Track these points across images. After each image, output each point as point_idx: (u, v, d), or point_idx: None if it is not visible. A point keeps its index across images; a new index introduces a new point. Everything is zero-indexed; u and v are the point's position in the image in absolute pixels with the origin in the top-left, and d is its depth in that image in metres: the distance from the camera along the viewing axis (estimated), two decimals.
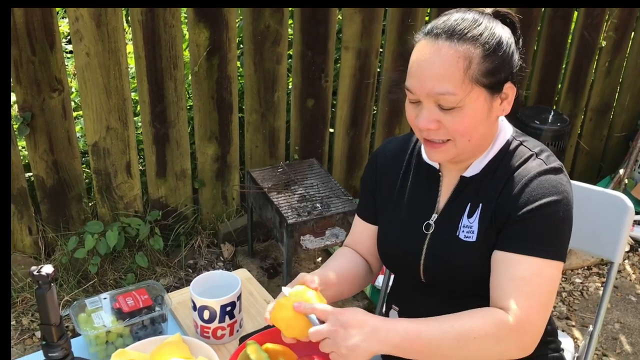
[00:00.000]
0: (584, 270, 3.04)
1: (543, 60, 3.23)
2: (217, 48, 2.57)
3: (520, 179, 1.19)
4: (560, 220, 1.18)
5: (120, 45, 2.40)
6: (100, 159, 2.58)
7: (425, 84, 1.15)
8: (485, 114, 1.18)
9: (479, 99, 1.15)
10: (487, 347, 1.12)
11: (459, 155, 1.22)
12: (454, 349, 1.12)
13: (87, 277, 2.66)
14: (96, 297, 1.44)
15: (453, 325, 1.12)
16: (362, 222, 1.43)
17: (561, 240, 1.19)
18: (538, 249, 1.15)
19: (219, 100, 2.68)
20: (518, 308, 1.13)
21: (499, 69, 1.16)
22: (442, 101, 1.14)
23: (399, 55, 2.86)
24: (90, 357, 1.36)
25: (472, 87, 1.14)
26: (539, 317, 1.15)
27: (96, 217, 2.70)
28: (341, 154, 3.04)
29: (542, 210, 1.16)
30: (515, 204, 1.18)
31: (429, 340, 1.11)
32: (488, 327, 1.12)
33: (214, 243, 2.94)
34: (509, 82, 1.19)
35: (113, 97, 2.48)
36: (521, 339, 1.14)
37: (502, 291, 1.16)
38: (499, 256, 1.18)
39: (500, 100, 1.19)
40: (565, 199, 1.18)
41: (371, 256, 1.44)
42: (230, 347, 1.40)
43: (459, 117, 1.15)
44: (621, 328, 2.67)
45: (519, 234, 1.17)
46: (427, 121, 1.17)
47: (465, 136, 1.18)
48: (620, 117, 3.59)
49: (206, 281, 1.45)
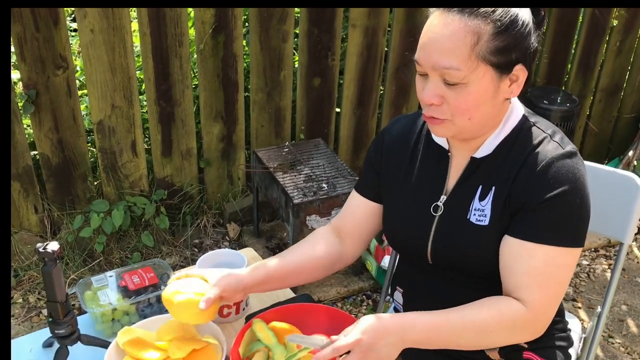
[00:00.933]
0: (591, 252, 3.02)
1: (552, 40, 3.18)
2: (223, 26, 2.54)
3: (536, 165, 1.16)
4: (577, 207, 1.16)
5: (125, 22, 2.38)
6: (106, 137, 2.57)
7: (431, 57, 1.12)
8: (490, 93, 1.14)
9: (484, 77, 1.12)
10: (503, 337, 1.16)
11: (461, 134, 1.20)
12: (472, 341, 1.15)
13: (93, 255, 2.66)
14: (102, 275, 1.44)
15: (472, 319, 1.14)
16: (360, 197, 1.39)
17: (579, 226, 1.17)
18: (554, 237, 1.14)
19: (224, 78, 2.65)
20: (533, 300, 1.14)
21: (510, 49, 1.12)
22: (447, 76, 1.12)
23: (407, 33, 2.82)
24: (96, 334, 1.36)
25: (478, 64, 1.10)
26: (552, 306, 1.17)
27: (102, 196, 2.70)
28: (347, 134, 3.02)
29: (560, 199, 1.14)
30: (532, 191, 1.16)
31: (449, 335, 1.13)
32: (505, 321, 1.14)
33: (220, 223, 2.94)
34: (520, 63, 1.14)
35: (118, 74, 2.46)
36: (534, 327, 1.17)
37: (517, 281, 1.15)
38: (513, 244, 1.16)
39: (510, 81, 1.15)
40: (582, 184, 1.16)
41: (357, 235, 1.40)
42: (236, 326, 1.40)
43: (462, 95, 1.12)
44: (628, 310, 2.67)
45: (535, 222, 1.15)
46: (431, 95, 1.14)
47: (466, 114, 1.15)
48: (630, 97, 3.55)
49: (212, 259, 1.45)
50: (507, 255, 1.17)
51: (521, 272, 1.15)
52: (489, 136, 1.22)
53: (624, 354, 2.44)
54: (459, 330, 1.13)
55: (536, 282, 1.14)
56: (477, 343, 1.16)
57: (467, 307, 1.15)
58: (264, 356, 1.19)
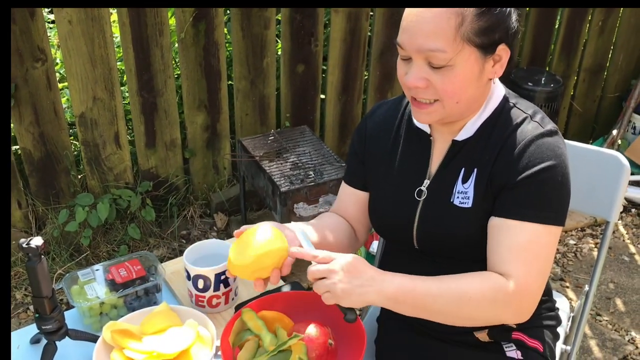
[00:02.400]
0: (578, 231, 3.05)
1: (535, 21, 3.18)
2: (204, 14, 2.51)
3: (516, 144, 1.17)
4: (559, 184, 1.16)
5: (103, 12, 2.34)
6: (88, 130, 2.54)
7: (415, 40, 1.11)
8: (476, 75, 1.14)
9: (470, 58, 1.11)
10: (482, 309, 1.12)
11: (446, 118, 1.19)
12: (449, 306, 1.12)
13: (79, 250, 2.64)
14: (88, 269, 1.42)
15: (450, 284, 1.12)
16: (349, 188, 1.40)
17: (560, 204, 1.17)
18: (537, 215, 1.14)
19: (207, 67, 2.63)
20: (516, 274, 1.12)
21: (493, 29, 1.12)
22: (432, 58, 1.11)
23: (390, 17, 2.80)
24: (85, 328, 1.35)
25: (463, 46, 1.10)
26: (537, 283, 1.15)
27: (86, 190, 2.67)
28: (333, 121, 3.00)
29: (540, 175, 1.14)
30: (512, 169, 1.16)
31: (425, 295, 1.11)
32: (486, 290, 1.11)
33: (207, 213, 2.92)
34: (503, 43, 1.14)
35: (98, 66, 2.42)
36: (518, 305, 1.14)
37: (500, 258, 1.14)
38: (497, 222, 1.17)
39: (493, 62, 1.15)
40: (562, 162, 1.16)
41: (358, 224, 1.41)
42: (226, 316, 1.39)
43: (448, 77, 1.12)
44: (615, 288, 2.69)
45: (517, 200, 1.15)
46: (415, 79, 1.13)
47: (454, 97, 1.14)
48: (614, 77, 3.57)
49: (200, 250, 1.43)
50: (492, 235, 1.17)
51: (504, 248, 1.15)
52: (470, 119, 1.22)
53: (611, 331, 2.47)
54: (435, 292, 1.11)
55: (520, 258, 1.13)
56: (455, 311, 1.12)
57: (449, 275, 1.15)
58: (254, 345, 1.19)
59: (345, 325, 1.20)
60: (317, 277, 1.08)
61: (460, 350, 1.32)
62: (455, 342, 1.33)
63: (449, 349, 1.33)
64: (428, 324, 1.33)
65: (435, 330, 1.33)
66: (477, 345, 1.32)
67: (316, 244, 1.25)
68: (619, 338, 2.43)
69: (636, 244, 2.97)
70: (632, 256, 2.89)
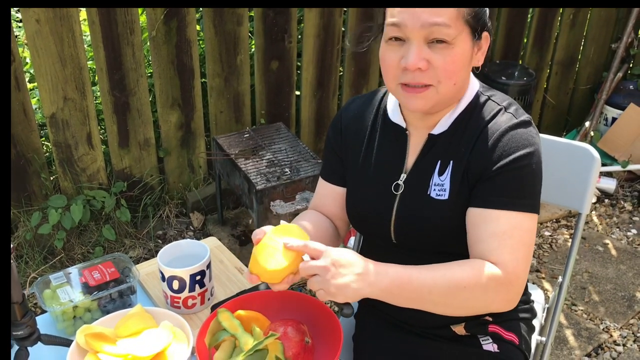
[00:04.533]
0: (553, 223, 3.09)
1: (508, 15, 3.21)
2: (175, 11, 2.48)
3: (491, 135, 1.18)
4: (533, 172, 1.17)
5: (72, 11, 2.30)
6: (59, 130, 2.49)
7: (420, 15, 1.10)
8: (468, 59, 1.16)
9: (466, 40, 1.14)
10: (475, 297, 1.12)
11: (439, 104, 1.19)
12: (443, 296, 1.11)
13: (53, 252, 2.59)
14: (61, 273, 1.40)
15: (445, 273, 1.11)
16: (327, 184, 1.40)
17: (535, 192, 1.18)
18: (515, 203, 1.15)
19: (179, 65, 2.60)
20: (505, 261, 1.12)
21: (481, 15, 1.15)
22: (437, 33, 1.10)
23: (364, 12, 2.80)
24: (58, 333, 1.32)
25: (463, 27, 1.12)
26: (523, 270, 1.15)
27: (59, 191, 2.63)
28: (308, 117, 3.00)
29: (516, 164, 1.15)
30: (488, 160, 1.17)
31: (420, 286, 1.10)
32: (478, 278, 1.11)
33: (183, 212, 2.90)
34: (485, 31, 1.18)
35: (68, 65, 2.38)
36: (508, 292, 1.14)
37: (484, 246, 1.14)
38: (476, 213, 1.17)
39: (477, 49, 1.18)
40: (536, 151, 1.18)
41: (337, 219, 1.41)
42: (202, 316, 1.38)
43: (450, 56, 1.12)
44: (589, 277, 2.73)
45: (495, 190, 1.16)
46: (417, 58, 1.12)
47: (452, 78, 1.14)
48: (586, 69, 3.61)
49: (174, 251, 1.42)
50: (471, 225, 1.18)
51: (487, 236, 1.14)
52: (446, 113, 1.23)
53: (586, 320, 2.51)
54: (430, 282, 1.10)
55: (505, 245, 1.13)
56: (449, 301, 1.12)
57: (441, 264, 1.14)
58: (230, 345, 1.18)
59: (322, 322, 1.20)
60: (309, 274, 1.08)
61: (438, 344, 1.32)
62: (432, 336, 1.33)
63: (427, 343, 1.33)
64: (405, 319, 1.34)
65: (412, 325, 1.34)
66: (454, 339, 1.32)
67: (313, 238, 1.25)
68: (594, 327, 2.47)
69: (610, 234, 3.02)
70: (605, 246, 2.93)
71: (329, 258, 1.07)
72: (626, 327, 2.48)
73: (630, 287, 2.67)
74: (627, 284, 2.69)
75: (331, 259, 1.07)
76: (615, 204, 3.23)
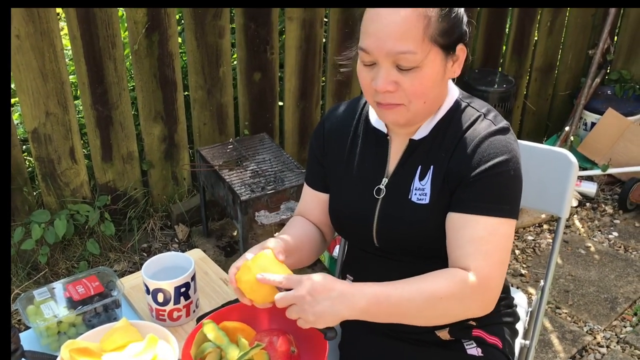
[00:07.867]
0: (536, 227, 3.12)
1: (486, 22, 3.25)
2: (156, 24, 2.49)
3: (470, 141, 1.20)
4: (512, 178, 1.19)
5: (53, 25, 2.30)
6: (42, 145, 2.48)
7: (385, 44, 1.12)
8: (440, 75, 1.17)
9: (435, 59, 1.15)
10: (452, 307, 1.15)
11: (412, 119, 1.22)
12: (422, 309, 1.13)
13: (37, 268, 2.58)
14: (44, 288, 1.39)
15: (420, 286, 1.14)
16: (312, 190, 1.42)
17: (514, 198, 1.21)
18: (493, 208, 1.17)
19: (162, 78, 2.60)
20: (478, 267, 1.15)
21: (454, 29, 1.16)
22: (402, 61, 1.13)
23: (344, 23, 2.83)
24: (42, 349, 1.32)
25: (430, 47, 1.13)
26: (498, 274, 1.18)
27: (42, 206, 2.61)
28: (292, 127, 3.01)
29: (494, 170, 1.18)
30: (467, 165, 1.19)
31: (398, 302, 1.12)
32: (452, 287, 1.13)
33: (168, 225, 2.89)
34: (460, 43, 1.19)
35: (50, 80, 2.37)
36: (482, 297, 1.17)
37: (461, 251, 1.17)
38: (455, 218, 1.19)
39: (452, 62, 1.19)
40: (514, 157, 1.20)
41: (323, 225, 1.42)
42: (187, 329, 1.38)
43: (417, 78, 1.14)
44: (572, 280, 2.77)
45: (474, 195, 1.18)
46: (385, 82, 1.15)
47: (422, 98, 1.17)
48: (564, 75, 3.67)
49: (159, 263, 1.42)
50: (450, 230, 1.20)
51: (464, 242, 1.17)
52: (426, 119, 1.25)
53: (570, 323, 2.53)
54: (407, 297, 1.12)
55: (479, 251, 1.16)
56: (429, 312, 1.14)
57: (415, 278, 1.16)
58: (216, 357, 1.18)
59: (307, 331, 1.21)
60: (285, 305, 1.09)
61: (423, 349, 1.34)
62: (417, 342, 1.34)
63: (412, 348, 1.34)
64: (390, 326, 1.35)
65: (398, 331, 1.35)
66: (438, 344, 1.34)
67: (293, 252, 1.28)
68: (578, 329, 2.49)
69: (591, 237, 3.06)
70: (587, 249, 2.97)
71: (304, 288, 1.08)
72: (609, 328, 2.51)
73: (612, 289, 2.71)
74: (609, 286, 2.73)
75: (306, 289, 1.08)
76: (596, 207, 3.27)
